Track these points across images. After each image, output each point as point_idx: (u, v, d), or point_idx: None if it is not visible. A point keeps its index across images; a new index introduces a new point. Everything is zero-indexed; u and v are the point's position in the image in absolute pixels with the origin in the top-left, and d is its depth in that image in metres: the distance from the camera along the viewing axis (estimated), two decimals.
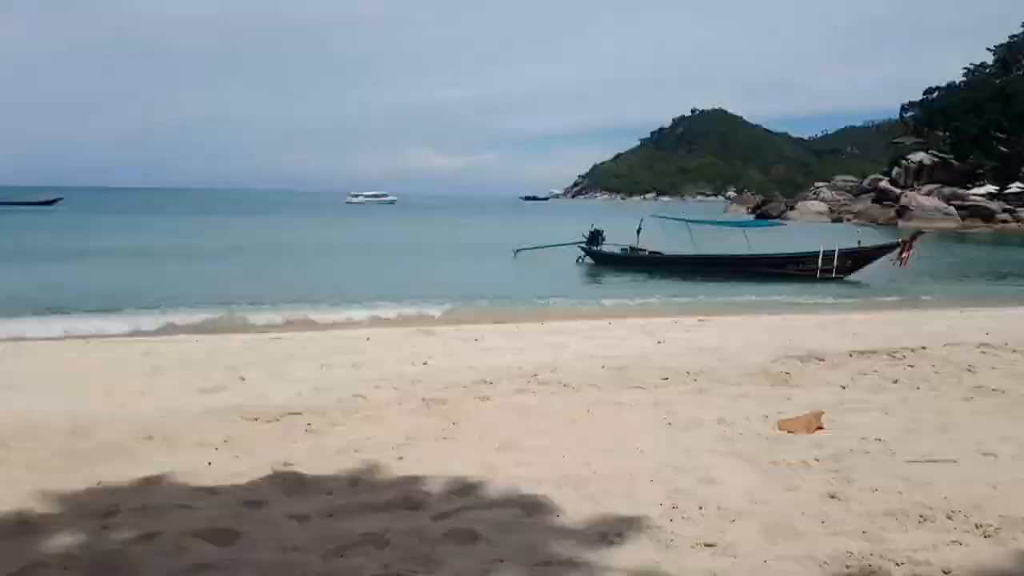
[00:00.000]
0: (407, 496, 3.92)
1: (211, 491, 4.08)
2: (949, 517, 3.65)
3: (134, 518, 3.68)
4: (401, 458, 4.65)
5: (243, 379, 7.51)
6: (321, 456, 4.69)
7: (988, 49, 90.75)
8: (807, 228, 54.38)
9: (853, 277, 22.13)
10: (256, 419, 5.52)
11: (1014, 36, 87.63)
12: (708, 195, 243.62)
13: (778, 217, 74.70)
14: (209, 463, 4.58)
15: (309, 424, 5.40)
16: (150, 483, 4.23)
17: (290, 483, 4.16)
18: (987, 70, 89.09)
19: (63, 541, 3.45)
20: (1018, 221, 65.68)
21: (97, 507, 3.86)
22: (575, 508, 3.84)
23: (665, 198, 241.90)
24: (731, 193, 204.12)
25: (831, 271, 21.64)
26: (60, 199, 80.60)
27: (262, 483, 4.19)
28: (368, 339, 10.32)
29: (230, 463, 4.59)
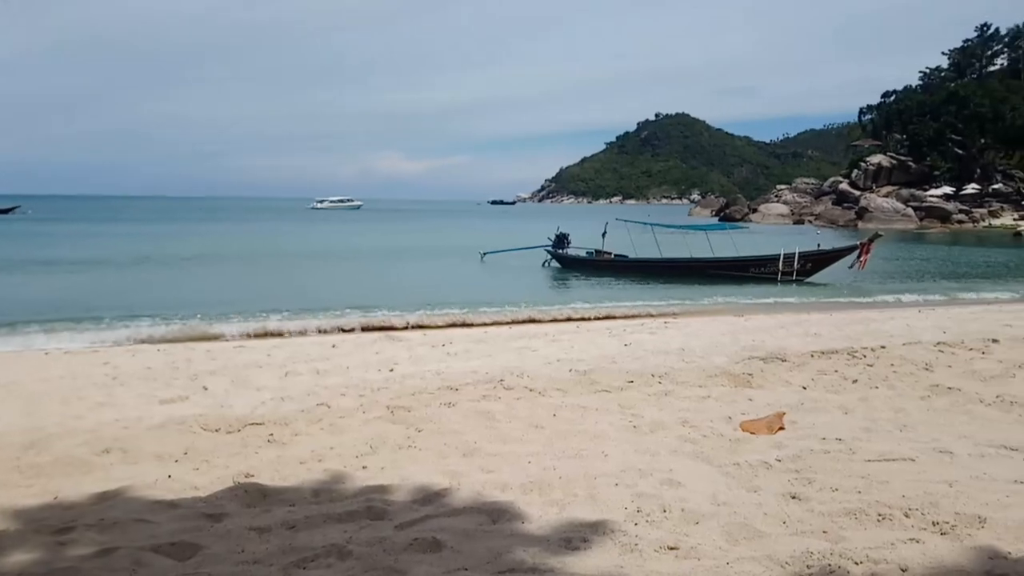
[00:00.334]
0: (370, 506, 3.88)
1: (170, 504, 4.01)
2: (907, 515, 3.71)
3: (91, 533, 3.61)
4: (365, 467, 4.61)
5: (206, 388, 7.43)
6: (283, 466, 4.63)
7: (943, 53, 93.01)
8: (769, 230, 55.19)
9: (813, 278, 22.51)
10: (218, 429, 5.44)
11: (967, 41, 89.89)
12: (673, 198, 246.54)
13: (741, 219, 75.79)
14: (169, 476, 4.51)
15: (271, 434, 5.33)
16: (108, 497, 4.15)
17: (251, 495, 4.10)
18: (942, 74, 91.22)
19: (18, 558, 3.36)
20: (974, 221, 67.32)
21: (53, 522, 3.78)
22: (540, 514, 3.84)
23: (631, 201, 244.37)
24: (695, 196, 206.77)
25: (792, 273, 22.05)
26: (18, 207, 78.99)
27: (223, 495, 4.13)
28: (334, 346, 10.25)
29: (190, 475, 4.53)
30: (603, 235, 27.04)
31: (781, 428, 5.42)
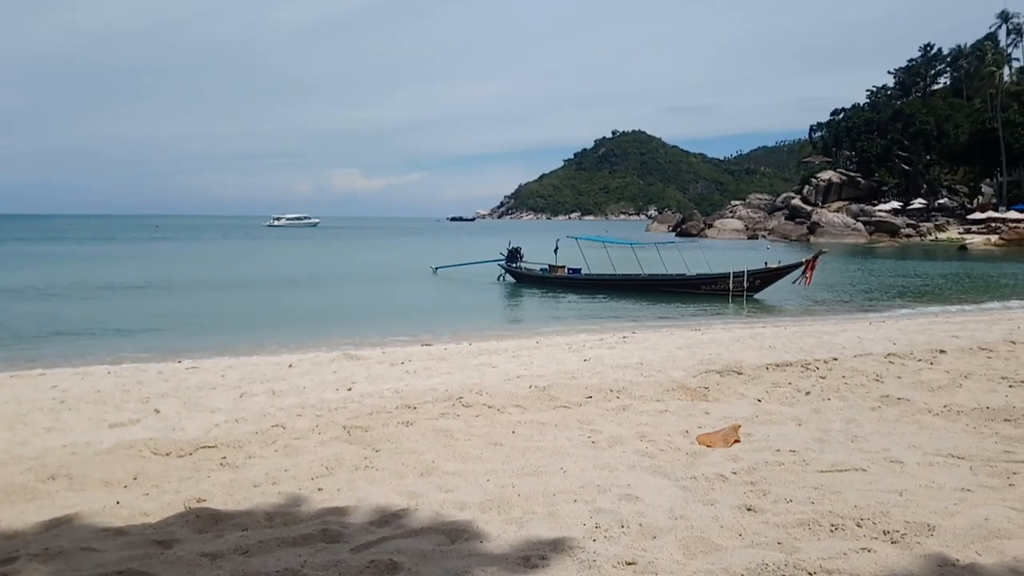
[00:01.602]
0: (326, 528, 3.82)
1: (119, 531, 3.90)
2: (859, 525, 3.76)
3: (35, 563, 3.48)
4: (320, 489, 4.54)
5: (157, 411, 7.27)
6: (236, 490, 4.54)
7: (889, 72, 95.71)
8: (724, 245, 56.04)
9: (764, 294, 22.88)
10: (168, 453, 5.32)
11: (912, 60, 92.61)
12: (631, 214, 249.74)
13: (698, 235, 77.25)
14: (117, 502, 4.38)
15: (224, 457, 5.22)
16: (53, 525, 4.02)
17: (203, 520, 4.00)
18: (888, 92, 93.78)
19: None
20: (921, 235, 69.18)
21: None
22: (499, 532, 3.81)
23: (589, 217, 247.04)
24: (652, 212, 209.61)
25: (742, 290, 22.45)
26: None
27: (173, 521, 4.02)
28: (290, 366, 10.11)
29: (140, 501, 4.41)
30: (555, 251, 27.30)
31: (737, 441, 5.48)
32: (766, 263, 23.16)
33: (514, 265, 27.97)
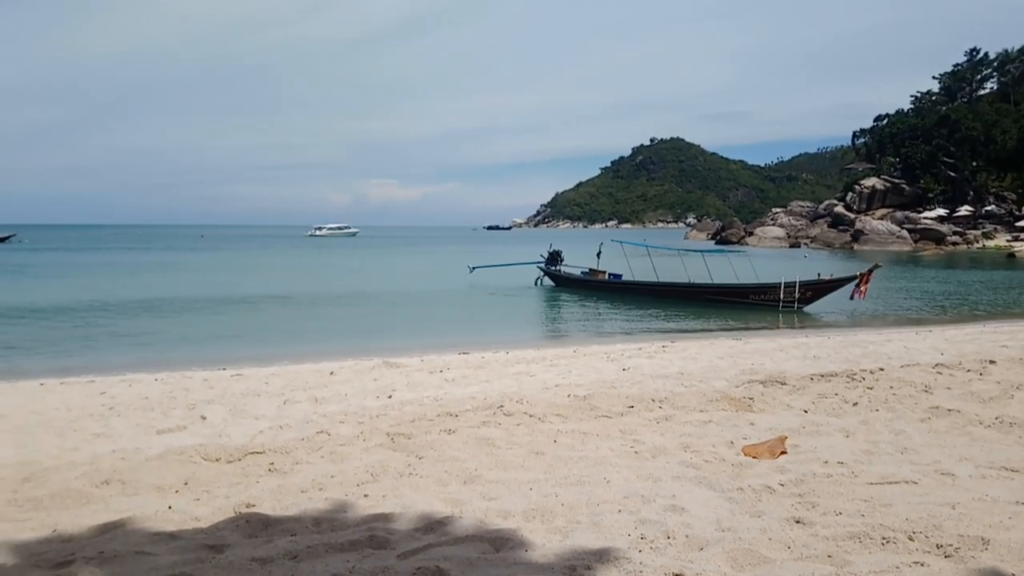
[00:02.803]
0: (372, 535, 3.86)
1: (171, 536, 3.98)
2: (911, 538, 3.70)
3: (90, 567, 3.57)
4: (366, 495, 4.59)
5: (204, 418, 7.39)
6: (285, 496, 4.61)
7: (934, 77, 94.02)
8: (767, 254, 55.36)
9: (812, 307, 22.42)
10: (217, 459, 5.42)
11: (958, 65, 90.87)
12: (669, 222, 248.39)
13: (738, 242, 76.44)
14: (169, 507, 4.48)
15: (272, 463, 5.30)
16: (107, 529, 4.12)
17: (253, 525, 4.07)
18: (933, 98, 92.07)
19: None
20: (968, 243, 67.64)
21: (52, 556, 3.74)
22: (543, 541, 3.82)
23: (627, 225, 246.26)
24: (691, 219, 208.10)
25: (792, 301, 21.86)
26: (14, 235, 79.25)
27: (224, 526, 4.10)
28: (332, 373, 10.21)
29: (191, 506, 4.50)
30: (598, 255, 27.15)
31: (783, 452, 5.41)
32: (819, 274, 22.63)
33: (554, 268, 27.87)
